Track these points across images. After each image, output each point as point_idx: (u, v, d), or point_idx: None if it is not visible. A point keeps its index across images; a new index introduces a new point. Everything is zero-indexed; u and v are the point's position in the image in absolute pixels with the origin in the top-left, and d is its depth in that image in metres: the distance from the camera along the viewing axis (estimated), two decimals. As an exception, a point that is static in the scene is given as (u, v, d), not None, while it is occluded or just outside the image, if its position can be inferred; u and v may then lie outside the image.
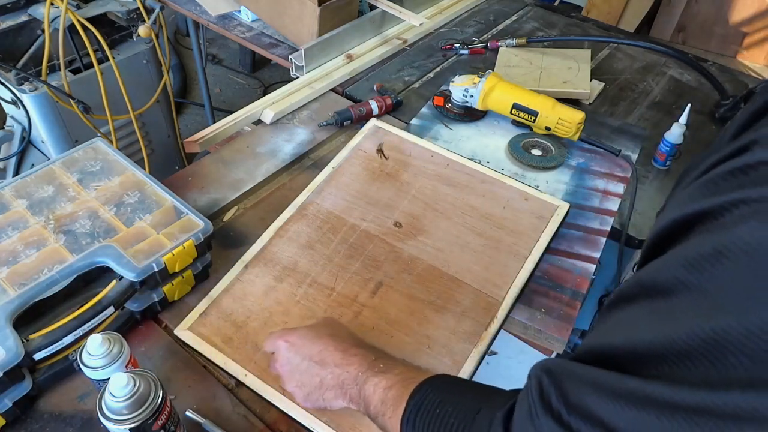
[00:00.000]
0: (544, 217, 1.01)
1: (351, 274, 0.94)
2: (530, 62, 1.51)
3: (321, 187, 1.07)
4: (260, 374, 0.81)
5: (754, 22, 3.25)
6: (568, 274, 1.00)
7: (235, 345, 0.85)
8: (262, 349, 0.82)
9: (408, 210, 1.03)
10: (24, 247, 0.86)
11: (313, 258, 0.96)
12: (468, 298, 0.90)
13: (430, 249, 0.97)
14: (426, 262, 0.95)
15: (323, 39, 1.46)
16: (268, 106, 1.32)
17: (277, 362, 0.75)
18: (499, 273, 0.93)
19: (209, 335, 0.86)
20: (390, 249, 0.97)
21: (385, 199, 1.05)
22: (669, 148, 1.24)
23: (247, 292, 0.92)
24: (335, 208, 1.03)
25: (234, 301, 0.91)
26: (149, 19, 1.77)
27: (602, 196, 1.14)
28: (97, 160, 1.01)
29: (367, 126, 1.19)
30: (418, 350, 0.85)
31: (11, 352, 0.72)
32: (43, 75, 1.64)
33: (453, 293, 0.91)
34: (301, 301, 0.91)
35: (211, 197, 1.11)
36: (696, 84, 1.53)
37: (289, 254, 0.97)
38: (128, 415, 0.65)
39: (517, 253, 0.96)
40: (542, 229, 0.99)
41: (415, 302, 0.90)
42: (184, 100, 3.02)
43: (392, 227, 1.00)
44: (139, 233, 0.89)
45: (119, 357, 0.72)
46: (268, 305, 0.90)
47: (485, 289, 0.91)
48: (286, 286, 0.92)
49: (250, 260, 0.96)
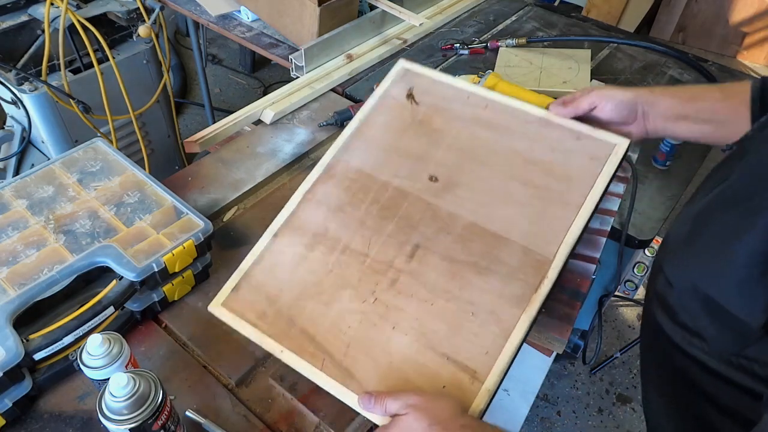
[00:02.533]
0: (600, 157, 0.87)
1: (385, 237, 0.86)
2: (530, 62, 1.51)
3: (348, 143, 0.97)
4: (296, 349, 0.79)
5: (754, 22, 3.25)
6: (568, 274, 1.00)
7: (270, 320, 0.82)
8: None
9: (444, 161, 0.92)
10: (24, 247, 0.86)
11: (344, 222, 0.89)
12: (514, 258, 0.81)
13: (470, 204, 0.87)
14: (466, 219, 0.86)
15: (323, 39, 1.46)
16: (268, 106, 1.32)
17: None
18: (549, 227, 0.83)
19: (243, 311, 0.83)
20: (426, 207, 0.88)
21: (418, 151, 0.94)
22: (669, 148, 1.24)
23: (277, 263, 0.87)
24: (365, 166, 0.94)
25: (265, 273, 0.87)
26: (149, 19, 1.77)
27: (602, 196, 1.14)
28: (97, 160, 1.01)
29: (394, 69, 1.04)
30: (462, 318, 0.78)
31: (11, 352, 0.72)
32: (43, 75, 1.64)
33: (497, 253, 0.82)
34: (334, 270, 0.85)
35: (211, 197, 1.11)
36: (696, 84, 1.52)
37: (318, 219, 0.90)
38: (128, 415, 0.65)
39: (569, 203, 0.84)
40: (597, 172, 0.86)
41: (455, 265, 0.82)
42: (184, 100, 3.02)
43: (427, 182, 0.90)
44: (139, 233, 0.89)
45: (119, 357, 0.72)
46: (300, 276, 0.85)
47: (533, 245, 0.82)
48: (317, 254, 0.87)
49: (278, 229, 0.90)
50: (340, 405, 0.80)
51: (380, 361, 0.78)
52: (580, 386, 2.01)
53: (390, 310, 0.81)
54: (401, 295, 0.81)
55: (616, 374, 2.04)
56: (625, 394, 1.99)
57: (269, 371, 0.85)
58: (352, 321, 0.81)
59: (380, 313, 0.81)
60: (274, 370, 0.85)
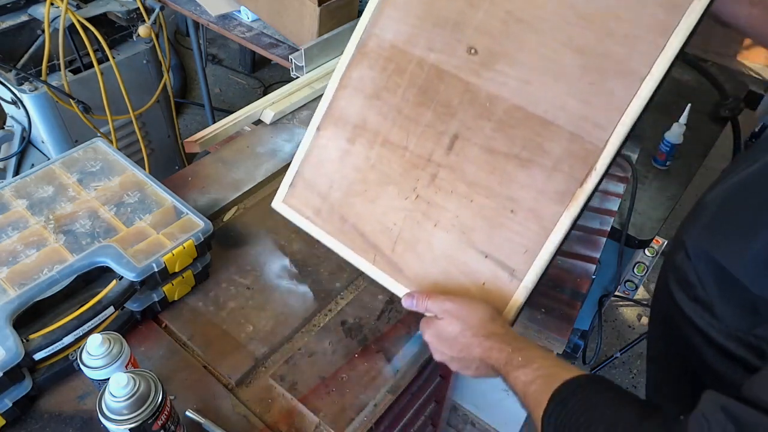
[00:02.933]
0: (678, 4, 0.68)
1: (423, 127, 0.83)
2: (530, 62, 1.50)
3: (378, 12, 0.89)
4: (351, 245, 0.85)
5: (754, 22, 3.25)
6: (568, 274, 1.00)
7: (324, 216, 0.87)
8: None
9: (484, 27, 0.81)
10: (24, 247, 0.86)
11: (382, 111, 0.86)
12: (560, 146, 0.74)
13: (513, 81, 0.78)
14: (508, 102, 0.78)
15: (323, 39, 1.46)
16: (268, 106, 1.32)
17: (434, 354, 0.78)
18: (603, 105, 0.71)
19: (300, 207, 0.88)
20: (464, 88, 0.81)
21: (455, 16, 0.83)
22: (669, 148, 1.24)
23: (323, 158, 0.90)
24: (398, 39, 0.87)
25: (314, 169, 0.90)
26: (149, 19, 1.77)
27: (602, 196, 1.14)
28: (97, 160, 1.01)
29: None
30: (501, 216, 0.76)
31: (11, 352, 0.72)
32: (43, 75, 1.64)
33: (541, 141, 0.75)
34: (376, 165, 0.86)
35: (211, 197, 1.11)
36: (696, 84, 1.53)
37: (356, 109, 0.88)
38: (128, 415, 0.65)
39: (631, 72, 0.70)
40: (671, 27, 0.68)
41: (496, 157, 0.77)
42: (184, 100, 3.02)
43: (465, 55, 0.81)
44: (139, 233, 0.89)
45: (119, 357, 0.72)
46: (345, 173, 0.88)
47: (583, 131, 0.72)
48: (359, 148, 0.87)
49: (320, 121, 0.91)
50: (340, 405, 0.81)
51: (425, 257, 0.82)
52: (580, 386, 2.00)
53: (431, 207, 0.82)
54: (441, 192, 0.81)
55: (616, 374, 2.04)
56: (625, 394, 1.99)
57: (269, 371, 0.85)
58: (397, 218, 0.84)
59: (422, 211, 0.83)
60: (274, 370, 0.85)
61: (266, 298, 0.94)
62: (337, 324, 0.92)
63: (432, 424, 1.36)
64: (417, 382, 0.98)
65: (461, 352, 0.73)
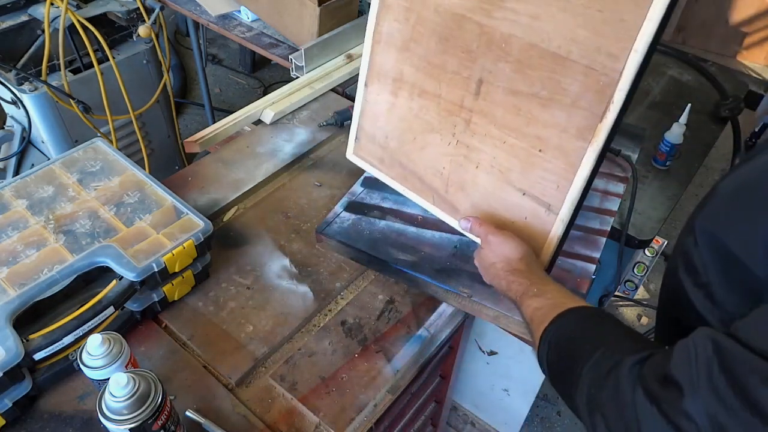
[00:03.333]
0: None
1: (450, 74, 0.89)
2: (530, 62, 1.50)
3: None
4: (414, 189, 0.97)
5: (754, 22, 3.25)
6: (568, 274, 1.00)
7: (387, 164, 0.98)
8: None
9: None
10: (24, 247, 0.86)
11: (413, 62, 0.93)
12: (576, 82, 0.75)
13: (524, 18, 0.79)
14: (522, 40, 0.79)
15: (323, 39, 1.46)
16: (268, 106, 1.32)
17: (481, 273, 0.88)
18: (615, 34, 0.70)
19: (367, 157, 0.98)
20: (480, 31, 0.83)
21: None
22: (669, 148, 1.24)
23: (376, 112, 0.99)
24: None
25: (370, 123, 0.99)
26: (149, 19, 1.77)
27: (602, 196, 1.14)
28: (97, 160, 1.01)
29: None
30: (532, 155, 0.82)
31: (11, 352, 0.72)
32: (43, 75, 1.64)
33: (559, 79, 0.76)
34: (419, 114, 0.94)
35: (211, 197, 1.11)
36: (696, 84, 1.52)
37: (392, 63, 0.96)
38: (128, 415, 0.65)
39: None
40: None
41: (519, 98, 0.81)
42: (184, 100, 3.02)
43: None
44: (139, 233, 0.89)
45: (119, 357, 0.72)
46: (395, 124, 0.97)
47: (596, 64, 0.72)
48: (401, 100, 0.95)
49: (365, 78, 0.99)
50: (340, 405, 0.81)
51: (473, 196, 0.91)
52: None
53: (471, 150, 0.90)
54: (477, 136, 0.88)
55: (616, 374, 2.04)
56: (625, 394, 1.99)
57: (269, 371, 0.85)
58: (445, 162, 0.93)
59: (464, 154, 0.90)
60: (274, 370, 0.85)
61: (266, 298, 0.94)
62: (337, 324, 0.92)
63: (432, 424, 1.37)
64: (417, 382, 0.98)
65: (493, 279, 0.84)
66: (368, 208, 1.06)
